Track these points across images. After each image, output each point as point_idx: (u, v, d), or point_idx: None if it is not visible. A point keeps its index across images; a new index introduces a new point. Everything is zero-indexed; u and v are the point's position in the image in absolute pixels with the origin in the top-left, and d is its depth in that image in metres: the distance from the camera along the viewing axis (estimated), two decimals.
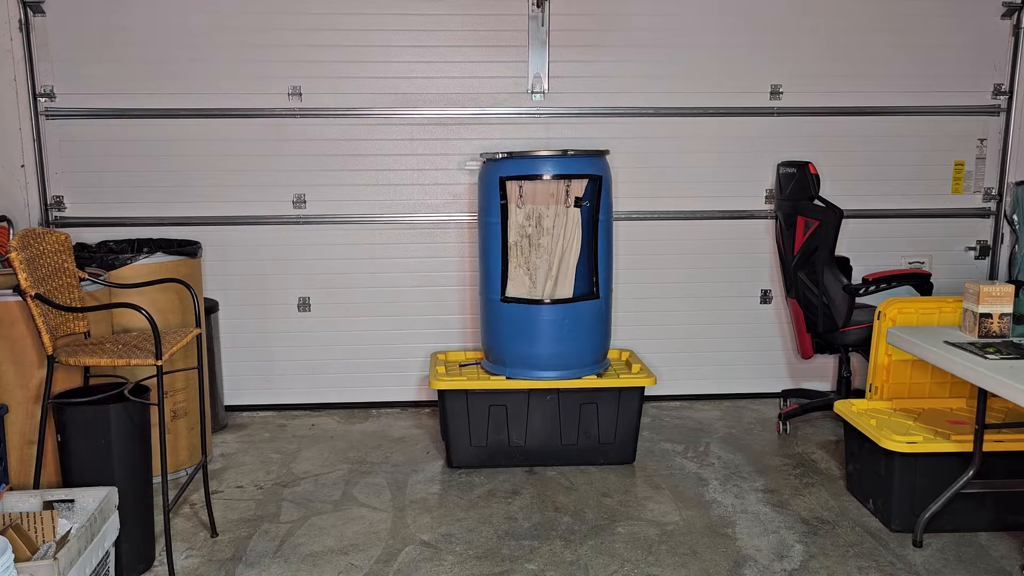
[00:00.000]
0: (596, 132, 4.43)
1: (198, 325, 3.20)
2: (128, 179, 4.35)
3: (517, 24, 4.37)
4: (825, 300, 3.97)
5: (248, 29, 4.28)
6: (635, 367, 3.91)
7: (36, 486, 2.82)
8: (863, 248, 4.55)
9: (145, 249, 3.77)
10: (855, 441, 3.38)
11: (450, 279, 4.53)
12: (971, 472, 3.00)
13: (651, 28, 4.42)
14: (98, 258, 3.51)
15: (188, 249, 3.79)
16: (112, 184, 4.34)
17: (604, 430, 3.77)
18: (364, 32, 4.33)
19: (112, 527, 2.58)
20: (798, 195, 4.08)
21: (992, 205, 4.70)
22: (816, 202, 3.99)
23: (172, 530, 2.98)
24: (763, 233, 4.64)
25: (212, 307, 4.21)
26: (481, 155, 3.99)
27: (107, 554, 2.55)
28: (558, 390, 3.72)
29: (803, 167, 4.04)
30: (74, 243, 3.24)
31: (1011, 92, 4.59)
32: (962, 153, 4.66)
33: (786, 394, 4.54)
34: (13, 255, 2.68)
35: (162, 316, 3.39)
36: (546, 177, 3.74)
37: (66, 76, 4.25)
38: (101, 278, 3.28)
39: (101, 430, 2.72)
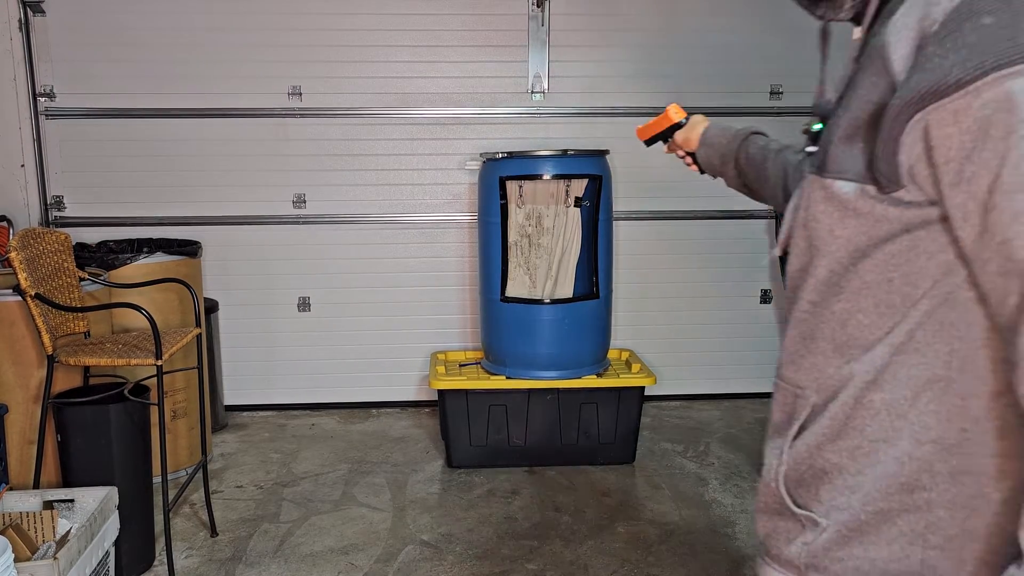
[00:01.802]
0: (596, 132, 4.43)
1: (198, 325, 3.20)
2: (128, 179, 4.35)
3: (517, 24, 4.36)
4: None
5: (248, 29, 4.28)
6: (635, 367, 3.91)
7: (36, 486, 2.82)
8: None
9: (145, 249, 3.77)
10: None
11: (450, 279, 4.53)
12: None
13: (651, 28, 4.42)
14: (98, 258, 3.51)
15: (188, 249, 3.79)
16: (112, 184, 4.34)
17: (604, 430, 3.77)
18: (364, 32, 4.33)
19: (112, 527, 2.58)
20: None
21: None
22: None
23: (172, 530, 2.98)
24: (763, 233, 4.64)
25: (212, 307, 4.21)
26: (481, 155, 3.99)
27: (107, 554, 2.55)
28: (558, 390, 3.72)
29: None
30: (74, 243, 3.24)
31: None
32: None
33: None
34: (13, 255, 2.68)
35: (162, 316, 3.39)
36: (546, 177, 3.74)
37: (66, 76, 4.26)
38: (101, 278, 3.28)
39: (101, 430, 2.72)
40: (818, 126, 0.97)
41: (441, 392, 3.73)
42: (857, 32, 0.96)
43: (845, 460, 0.84)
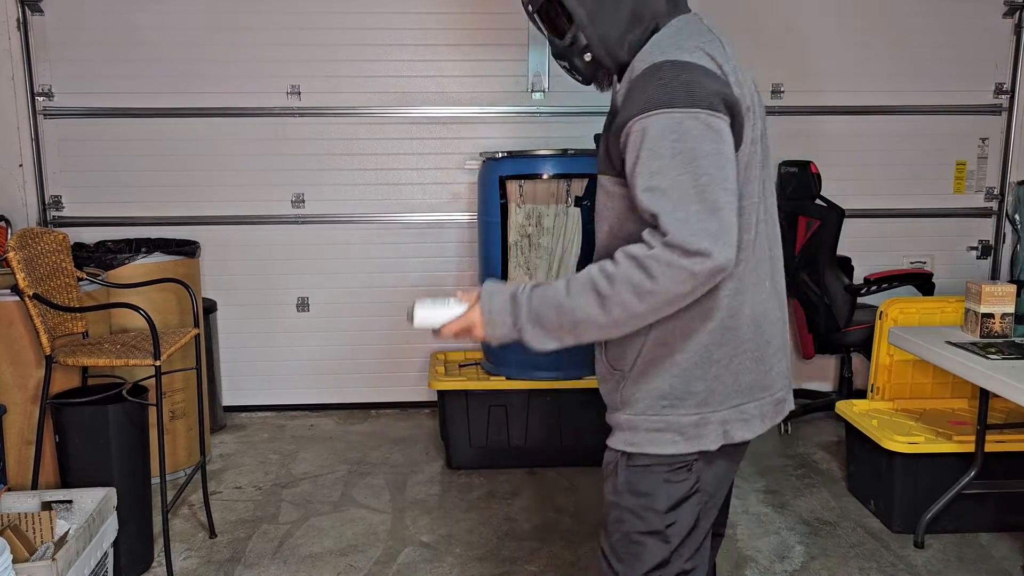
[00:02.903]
0: (596, 131, 4.41)
1: (196, 325, 3.19)
2: (126, 178, 4.33)
3: (517, 23, 4.34)
4: (827, 300, 3.96)
5: (247, 28, 4.27)
6: None
7: (34, 487, 2.81)
8: (864, 248, 4.53)
9: (143, 249, 3.76)
10: (856, 442, 3.37)
11: (450, 279, 4.51)
12: (973, 473, 2.99)
13: None
14: (96, 258, 3.49)
15: (186, 249, 3.78)
16: (110, 183, 4.33)
17: (605, 431, 3.74)
18: (364, 31, 4.31)
19: (110, 528, 2.57)
20: (800, 195, 4.07)
21: (994, 205, 4.69)
22: (817, 202, 3.98)
23: (171, 531, 2.97)
24: None
25: (211, 307, 4.20)
26: (481, 154, 3.98)
27: (105, 555, 2.54)
28: (558, 390, 3.71)
29: (805, 166, 4.04)
30: (72, 243, 3.23)
31: (1013, 91, 4.58)
32: (964, 152, 4.64)
33: None
34: (11, 255, 2.66)
35: (160, 316, 3.37)
36: (546, 176, 3.73)
37: (64, 75, 4.24)
38: (99, 278, 3.27)
39: (99, 431, 2.71)
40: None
41: (441, 393, 3.72)
42: (617, 86, 1.53)
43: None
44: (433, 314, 1.47)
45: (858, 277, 4.34)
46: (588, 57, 1.55)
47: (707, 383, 1.47)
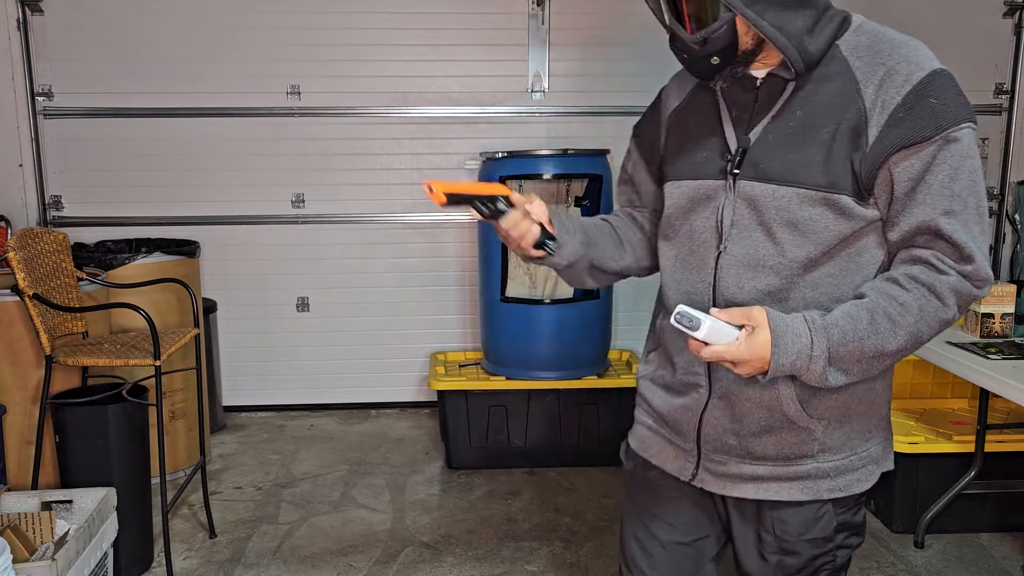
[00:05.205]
0: (596, 131, 4.42)
1: (196, 325, 3.19)
2: (126, 178, 4.33)
3: (517, 23, 4.35)
4: None
5: (247, 28, 4.27)
6: (635, 367, 3.90)
7: (34, 487, 2.81)
8: None
9: (143, 249, 3.76)
10: None
11: (450, 279, 4.52)
12: (973, 473, 2.99)
13: (651, 26, 4.39)
14: (96, 258, 3.49)
15: (186, 249, 3.78)
16: (110, 183, 4.33)
17: (604, 431, 3.75)
18: (363, 31, 4.31)
19: (110, 528, 2.57)
20: None
21: (994, 205, 4.69)
22: None
23: (171, 531, 2.97)
24: None
25: (210, 307, 4.20)
26: (481, 154, 3.98)
27: (105, 555, 2.54)
28: (558, 390, 3.71)
29: None
30: (72, 243, 3.23)
31: (1013, 92, 4.58)
32: None
33: None
34: (11, 255, 2.66)
35: (160, 316, 3.37)
36: (546, 176, 3.73)
37: (64, 75, 4.24)
38: (99, 278, 3.27)
39: (99, 431, 2.71)
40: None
41: (441, 393, 3.71)
42: (787, 91, 1.36)
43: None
44: (722, 329, 1.21)
45: None
46: (716, 61, 1.42)
47: (888, 408, 1.48)
